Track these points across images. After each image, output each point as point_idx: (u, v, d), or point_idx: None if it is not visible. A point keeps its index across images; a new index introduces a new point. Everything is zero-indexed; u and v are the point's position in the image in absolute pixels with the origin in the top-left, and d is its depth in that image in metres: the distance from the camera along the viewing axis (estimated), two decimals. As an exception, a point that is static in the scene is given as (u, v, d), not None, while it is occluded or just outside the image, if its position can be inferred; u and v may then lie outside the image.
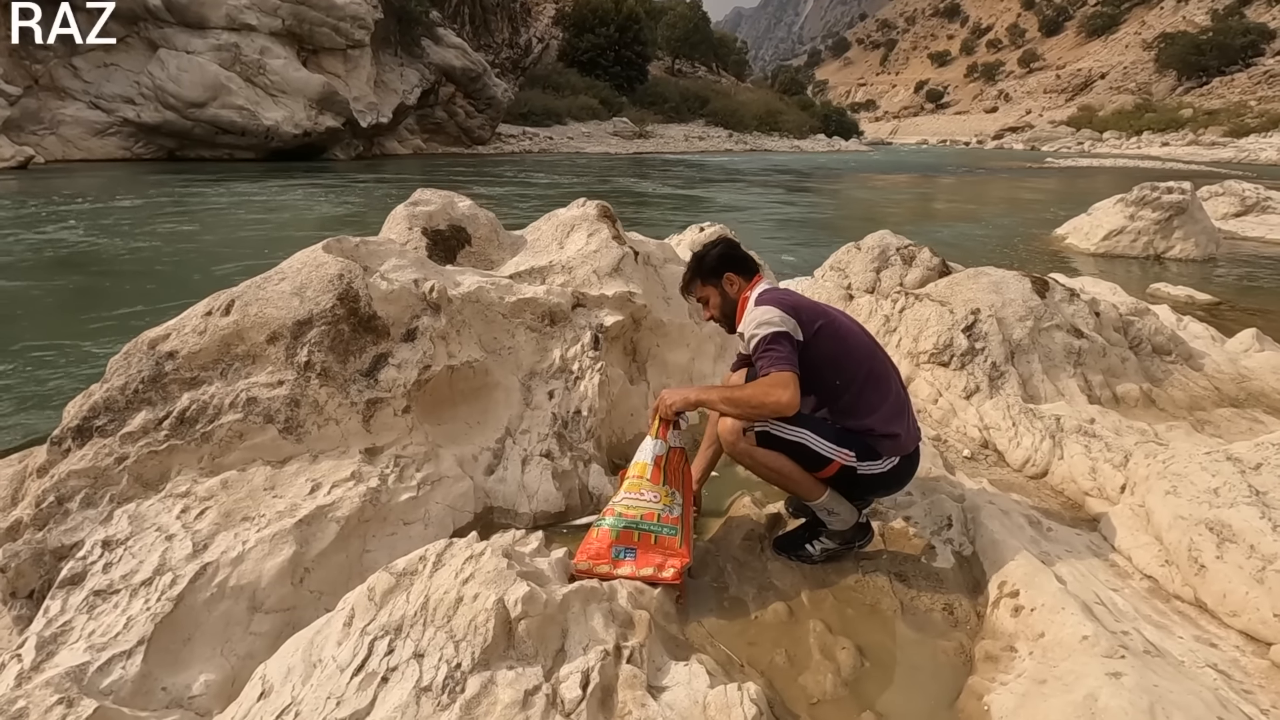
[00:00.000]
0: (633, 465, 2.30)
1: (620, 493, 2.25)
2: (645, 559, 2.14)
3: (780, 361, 2.14)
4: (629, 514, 2.18)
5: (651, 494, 2.22)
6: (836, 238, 9.64)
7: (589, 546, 2.17)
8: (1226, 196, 14.82)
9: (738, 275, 2.47)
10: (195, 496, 2.19)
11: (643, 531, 2.17)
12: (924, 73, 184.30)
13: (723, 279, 2.47)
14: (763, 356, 2.18)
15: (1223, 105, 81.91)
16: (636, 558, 2.14)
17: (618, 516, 2.18)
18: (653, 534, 2.17)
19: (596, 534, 2.18)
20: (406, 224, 3.66)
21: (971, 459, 3.44)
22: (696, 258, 2.56)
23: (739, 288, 2.47)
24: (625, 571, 2.11)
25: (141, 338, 2.46)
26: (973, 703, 1.81)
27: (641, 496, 2.21)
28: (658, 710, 1.58)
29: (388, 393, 2.56)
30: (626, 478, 2.28)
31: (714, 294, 2.50)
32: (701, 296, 2.55)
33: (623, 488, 2.27)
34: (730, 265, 2.49)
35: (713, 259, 2.50)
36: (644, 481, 2.24)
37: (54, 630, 1.81)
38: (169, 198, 16.04)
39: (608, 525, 2.18)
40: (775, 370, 2.13)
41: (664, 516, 2.20)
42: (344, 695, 1.54)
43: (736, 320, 2.45)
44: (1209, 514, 2.24)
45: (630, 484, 2.24)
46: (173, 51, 25.87)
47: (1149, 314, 4.74)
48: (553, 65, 60.02)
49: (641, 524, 2.17)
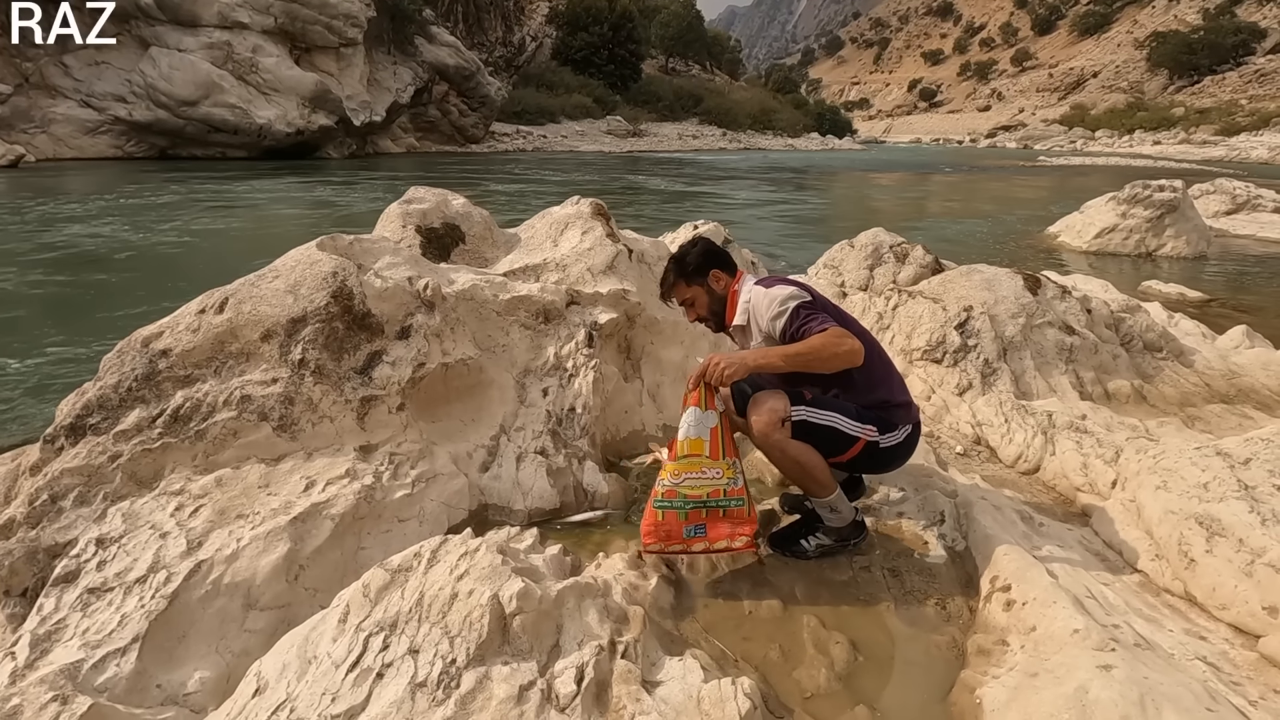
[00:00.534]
0: (685, 443, 2.19)
1: (680, 473, 2.18)
2: (716, 533, 2.19)
3: (826, 321, 2.15)
4: (694, 494, 2.17)
5: (714, 470, 2.19)
6: (830, 235, 9.67)
7: (658, 529, 2.18)
8: (1218, 195, 14.93)
9: (723, 271, 2.45)
10: (189, 494, 2.19)
11: (712, 509, 2.19)
12: (917, 71, 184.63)
13: (708, 276, 2.44)
14: (805, 321, 2.17)
15: (1214, 104, 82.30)
16: (707, 533, 2.18)
17: (683, 499, 2.17)
18: (722, 509, 2.20)
19: (662, 516, 2.17)
20: (400, 222, 3.66)
21: (964, 455, 3.46)
22: (676, 260, 2.50)
23: (725, 283, 2.45)
24: (699, 548, 2.19)
25: (135, 335, 2.45)
26: (965, 696, 1.82)
27: (704, 475, 2.18)
28: (652, 705, 1.59)
29: (382, 390, 2.56)
30: (681, 456, 2.19)
31: (700, 293, 2.46)
32: (685, 299, 2.50)
33: (677, 466, 2.19)
34: (714, 261, 2.45)
35: (696, 257, 2.45)
36: (703, 460, 2.19)
37: (48, 628, 1.81)
38: (161, 196, 15.97)
39: (676, 507, 2.17)
40: (825, 326, 2.14)
41: (729, 490, 2.20)
42: (339, 691, 1.54)
43: (728, 317, 2.43)
44: (1198, 509, 2.26)
45: (688, 463, 2.18)
46: (164, 50, 25.78)
47: (1140, 311, 4.76)
48: (546, 64, 59.97)
49: (710, 501, 2.18)
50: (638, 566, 2.24)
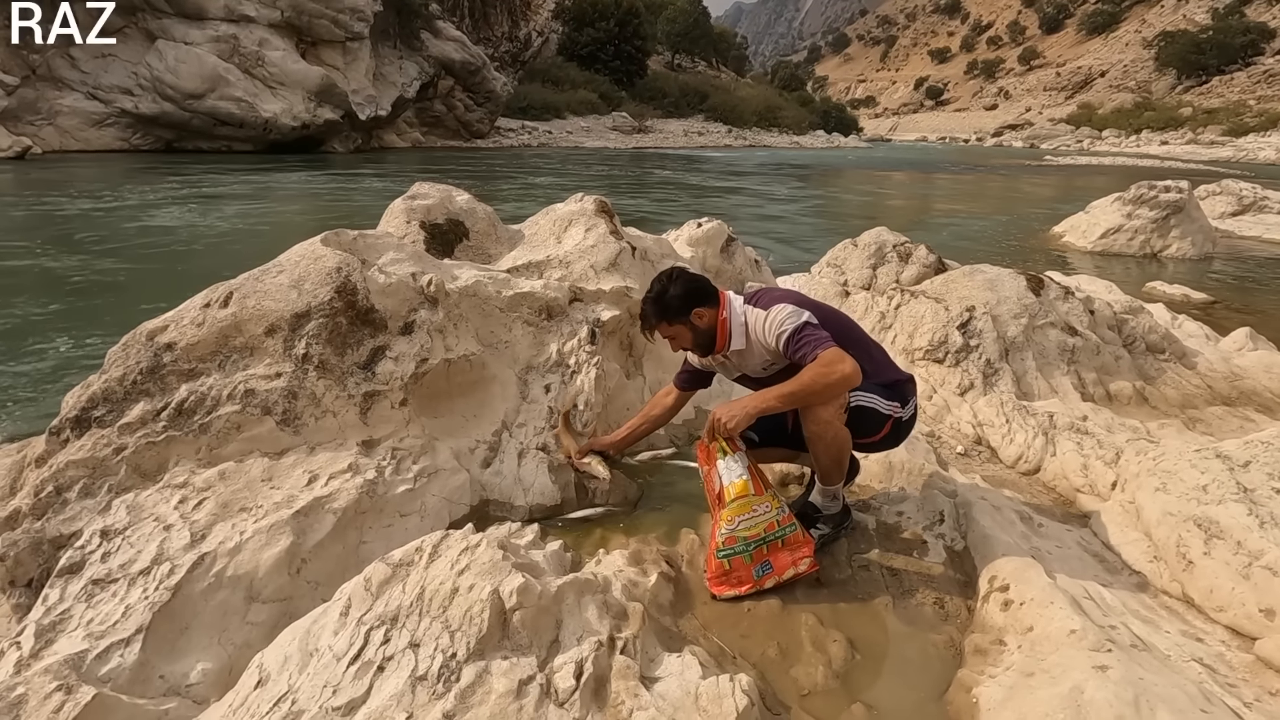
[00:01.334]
0: (731, 487, 2.24)
1: (734, 517, 2.23)
2: (780, 564, 2.24)
3: (821, 342, 2.16)
4: (753, 534, 2.22)
5: (763, 506, 2.25)
6: (833, 234, 9.66)
7: (728, 577, 2.21)
8: (1224, 195, 14.88)
9: (705, 308, 2.36)
10: (193, 487, 2.20)
11: (771, 542, 2.23)
12: (924, 69, 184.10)
13: (690, 315, 2.35)
14: (800, 346, 2.18)
15: (1222, 104, 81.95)
16: (774, 568, 2.23)
17: (744, 541, 2.21)
18: (780, 539, 2.24)
19: (730, 564, 2.21)
20: (404, 217, 3.67)
21: (965, 455, 3.46)
22: (653, 300, 2.37)
23: (709, 318, 2.36)
24: (771, 584, 2.23)
25: (140, 329, 2.47)
26: (961, 695, 1.83)
27: (755, 513, 2.24)
28: (650, 700, 1.60)
29: (385, 385, 2.58)
30: (731, 500, 2.24)
31: (683, 330, 2.38)
32: (668, 335, 2.42)
33: (730, 511, 2.23)
34: (695, 300, 2.35)
35: (676, 300, 2.34)
36: (751, 499, 2.24)
37: (52, 618, 1.83)
38: (167, 189, 16.01)
39: (739, 552, 2.21)
40: (819, 350, 2.14)
41: (781, 519, 2.26)
42: (340, 684, 1.56)
43: (719, 343, 2.38)
44: (1197, 511, 2.27)
45: (739, 506, 2.23)
46: (171, 42, 25.80)
47: (1143, 312, 4.76)
48: (552, 59, 59.88)
49: (768, 536, 2.23)
50: (638, 563, 2.25)
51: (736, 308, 2.37)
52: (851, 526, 2.56)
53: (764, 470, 2.44)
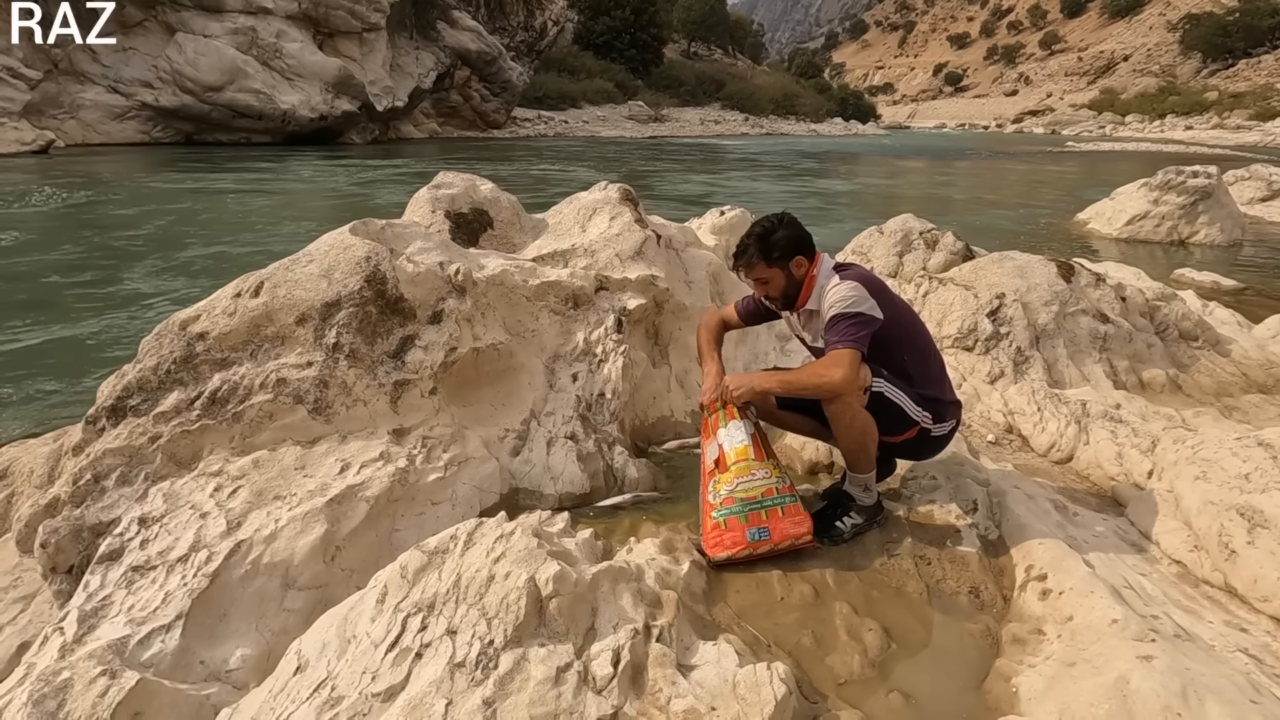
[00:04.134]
0: (733, 451, 2.30)
1: (733, 479, 2.26)
2: (779, 532, 2.24)
3: (848, 340, 2.15)
4: (750, 495, 2.24)
5: (762, 471, 2.28)
6: (857, 221, 9.58)
7: (721, 537, 2.23)
8: (1253, 181, 14.58)
9: (806, 258, 2.36)
10: (228, 475, 2.22)
11: (769, 508, 2.24)
12: (943, 55, 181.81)
13: (791, 262, 2.35)
14: (835, 331, 2.18)
15: (1249, 88, 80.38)
16: (771, 535, 2.23)
17: (741, 503, 2.23)
18: (779, 507, 2.25)
19: (725, 524, 2.23)
20: (429, 207, 3.67)
21: (996, 444, 3.43)
22: (760, 238, 2.36)
23: (805, 270, 2.36)
24: (765, 550, 2.23)
25: (172, 319, 2.48)
26: (1000, 684, 1.81)
27: (754, 477, 2.27)
28: (688, 688, 1.60)
29: (415, 374, 2.58)
30: (732, 463, 2.28)
31: (778, 275, 2.36)
32: (761, 277, 2.40)
33: (730, 474, 2.27)
34: (800, 247, 2.35)
35: (784, 240, 2.33)
36: (751, 463, 2.28)
37: (94, 605, 1.85)
38: (188, 182, 16.15)
39: (735, 513, 2.22)
40: (840, 347, 2.14)
41: (780, 488, 2.29)
42: (379, 670, 1.56)
43: (800, 300, 2.38)
44: (1240, 499, 2.23)
45: (739, 469, 2.27)
46: (190, 35, 25.98)
47: (1176, 299, 4.68)
48: (568, 48, 59.69)
49: (765, 501, 2.24)
50: (669, 551, 2.25)
51: (826, 270, 2.37)
52: (884, 519, 2.54)
53: (773, 445, 2.49)
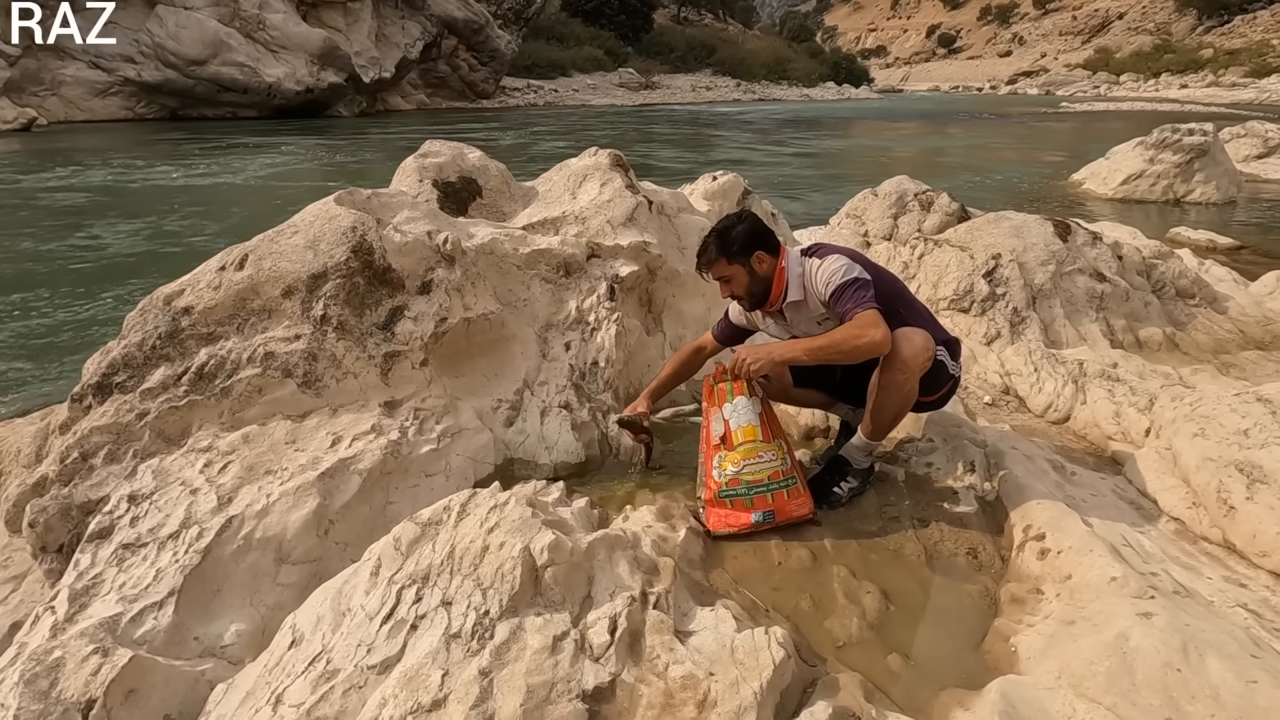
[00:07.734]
0: (740, 430, 2.27)
1: (740, 461, 2.24)
2: (783, 513, 2.24)
3: (864, 301, 2.13)
4: (756, 479, 2.22)
5: (769, 454, 2.26)
6: (850, 185, 9.50)
7: (725, 517, 2.22)
8: (1248, 138, 14.45)
9: (766, 253, 2.32)
10: (217, 451, 2.19)
11: (775, 490, 2.23)
12: (936, 17, 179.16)
13: (751, 258, 2.31)
14: (844, 300, 2.16)
15: (1244, 45, 79.36)
16: (776, 517, 2.23)
17: (748, 485, 2.21)
18: (785, 489, 2.24)
19: (730, 503, 2.22)
20: (417, 176, 3.61)
21: (993, 405, 3.41)
22: (719, 234, 2.34)
23: (769, 265, 2.32)
24: (767, 528, 2.24)
25: (156, 294, 2.44)
26: (999, 644, 1.80)
27: (761, 459, 2.24)
28: (686, 654, 1.59)
29: (405, 346, 2.55)
30: (739, 444, 2.25)
31: (739, 272, 2.33)
32: (723, 275, 2.36)
33: (737, 454, 2.25)
34: (759, 243, 2.31)
35: (742, 236, 2.30)
36: (758, 444, 2.26)
37: (85, 583, 1.83)
38: (174, 157, 15.94)
39: (741, 495, 2.21)
40: (861, 310, 2.11)
41: (785, 470, 2.27)
42: (374, 642, 1.55)
43: (773, 295, 2.34)
44: (1239, 455, 2.22)
45: (746, 450, 2.25)
46: (171, 8, 25.47)
47: (1172, 257, 4.65)
48: (556, 15, 58.60)
49: (771, 484, 2.23)
50: (666, 519, 2.23)
51: (795, 259, 2.35)
52: (873, 479, 2.54)
53: (778, 419, 2.45)
